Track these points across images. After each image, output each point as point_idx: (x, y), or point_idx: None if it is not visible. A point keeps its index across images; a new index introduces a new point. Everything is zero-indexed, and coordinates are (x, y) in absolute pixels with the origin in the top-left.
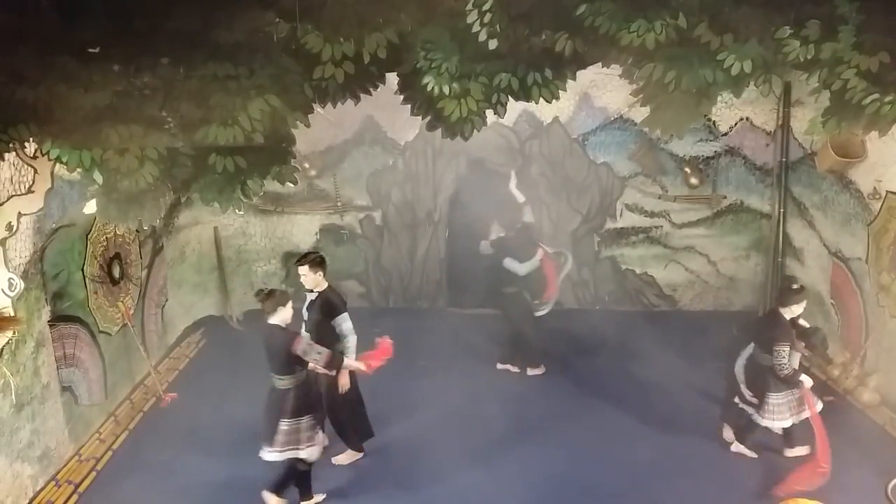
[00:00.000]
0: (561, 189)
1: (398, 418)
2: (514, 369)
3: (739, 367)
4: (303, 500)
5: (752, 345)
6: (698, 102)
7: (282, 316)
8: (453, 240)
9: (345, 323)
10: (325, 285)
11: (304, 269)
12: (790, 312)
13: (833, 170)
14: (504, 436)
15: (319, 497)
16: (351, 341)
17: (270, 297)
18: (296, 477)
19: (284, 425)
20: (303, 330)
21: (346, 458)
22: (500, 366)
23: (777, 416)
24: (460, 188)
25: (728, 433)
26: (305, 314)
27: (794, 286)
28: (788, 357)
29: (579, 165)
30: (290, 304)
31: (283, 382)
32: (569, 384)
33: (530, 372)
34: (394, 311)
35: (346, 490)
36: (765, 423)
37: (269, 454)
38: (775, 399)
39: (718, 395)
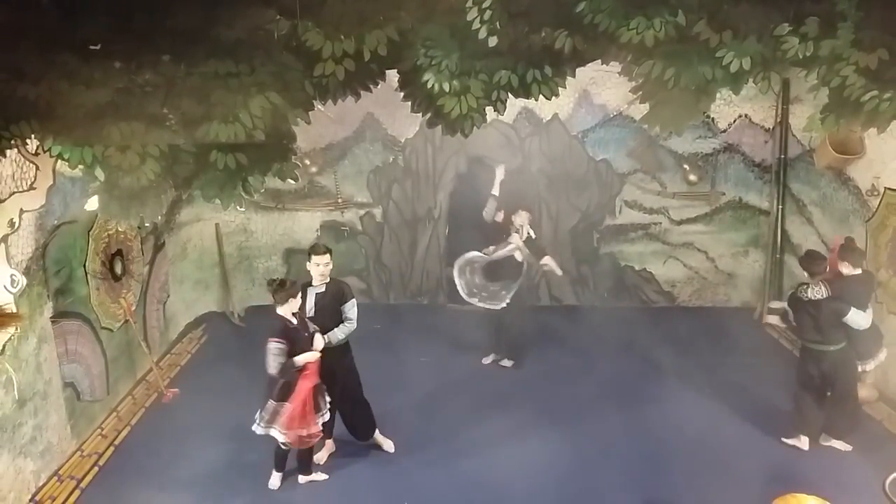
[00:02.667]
0: (560, 186)
1: (398, 414)
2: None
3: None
4: (304, 475)
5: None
6: (697, 99)
7: (290, 307)
8: (453, 236)
9: (353, 309)
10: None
11: (326, 258)
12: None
13: (832, 166)
14: (503, 431)
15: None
16: (352, 326)
17: (282, 288)
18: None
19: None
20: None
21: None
22: (486, 360)
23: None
24: (460, 185)
25: (804, 441)
26: (313, 307)
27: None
28: None
29: (579, 162)
30: (299, 296)
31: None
32: (568, 380)
33: (504, 363)
34: (394, 308)
35: (347, 485)
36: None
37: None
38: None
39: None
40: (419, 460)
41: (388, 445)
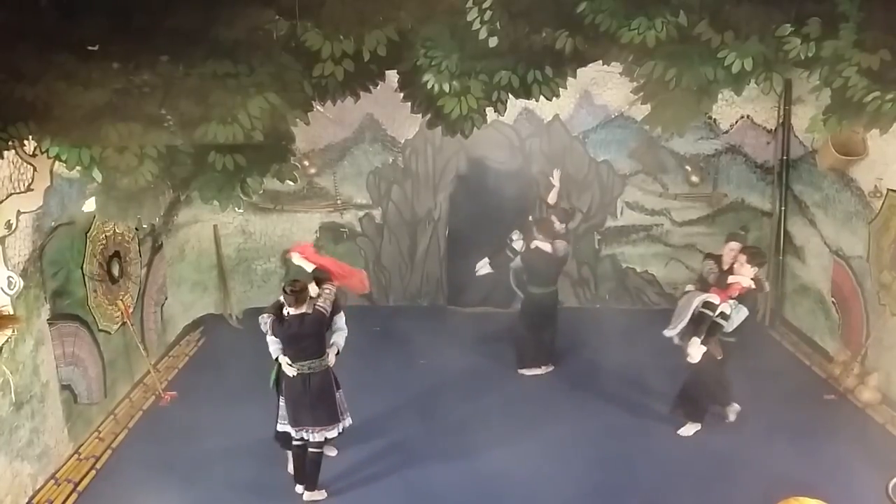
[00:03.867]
0: (561, 187)
1: (398, 415)
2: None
3: None
4: (308, 490)
5: None
6: (699, 100)
7: (304, 307)
8: (453, 238)
9: (342, 319)
10: None
11: (331, 285)
12: None
13: (834, 168)
14: (503, 433)
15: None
16: (343, 335)
17: (305, 290)
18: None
19: (339, 394)
20: None
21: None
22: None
23: None
24: (460, 186)
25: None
26: None
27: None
28: None
29: (580, 163)
30: None
31: (324, 360)
32: (568, 382)
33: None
34: (394, 310)
35: (346, 487)
36: None
37: (333, 430)
38: None
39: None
40: (418, 462)
41: (330, 451)
